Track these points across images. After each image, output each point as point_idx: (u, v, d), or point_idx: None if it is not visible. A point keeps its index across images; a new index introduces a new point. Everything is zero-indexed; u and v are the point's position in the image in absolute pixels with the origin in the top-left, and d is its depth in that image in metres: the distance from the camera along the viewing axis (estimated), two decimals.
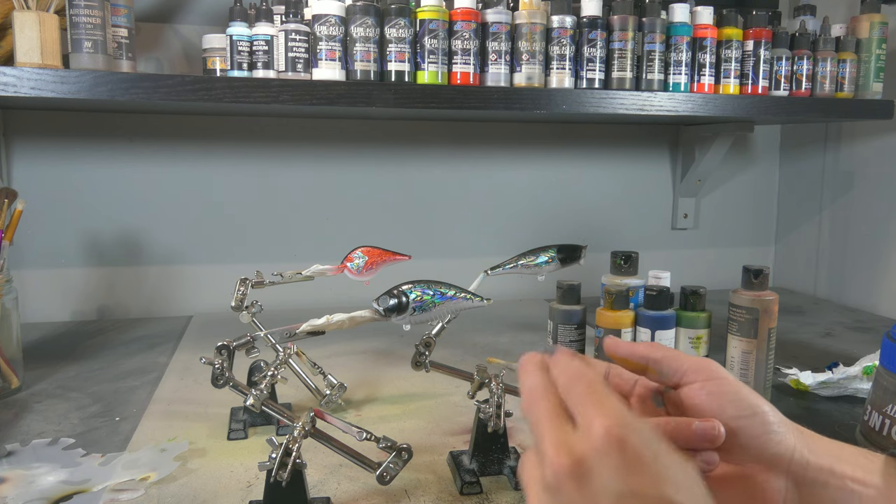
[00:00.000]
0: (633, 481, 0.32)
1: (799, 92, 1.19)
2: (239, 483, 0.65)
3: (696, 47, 1.11)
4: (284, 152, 1.32)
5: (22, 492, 0.62)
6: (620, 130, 1.50)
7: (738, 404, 0.41)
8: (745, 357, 0.83)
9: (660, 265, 1.02)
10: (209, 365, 0.64)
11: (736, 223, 1.61)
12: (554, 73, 1.04)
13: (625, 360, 0.45)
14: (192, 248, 1.30)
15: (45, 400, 0.86)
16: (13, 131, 1.20)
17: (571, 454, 0.33)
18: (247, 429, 0.76)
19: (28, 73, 0.84)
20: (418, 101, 0.98)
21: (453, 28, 1.00)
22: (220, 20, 1.15)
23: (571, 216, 1.48)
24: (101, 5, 0.88)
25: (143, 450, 0.71)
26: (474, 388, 0.69)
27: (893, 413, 0.65)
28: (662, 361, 0.44)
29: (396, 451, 0.57)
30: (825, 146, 1.48)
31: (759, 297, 0.82)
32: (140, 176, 1.26)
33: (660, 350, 0.44)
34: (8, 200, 0.88)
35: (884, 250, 1.35)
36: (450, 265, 1.41)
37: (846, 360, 0.97)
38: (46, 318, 1.24)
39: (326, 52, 0.95)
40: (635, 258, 0.97)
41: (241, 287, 0.77)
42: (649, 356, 0.44)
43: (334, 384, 0.82)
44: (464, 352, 1.05)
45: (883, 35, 1.20)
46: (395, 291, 0.65)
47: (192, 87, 0.90)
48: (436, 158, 1.40)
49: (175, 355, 1.03)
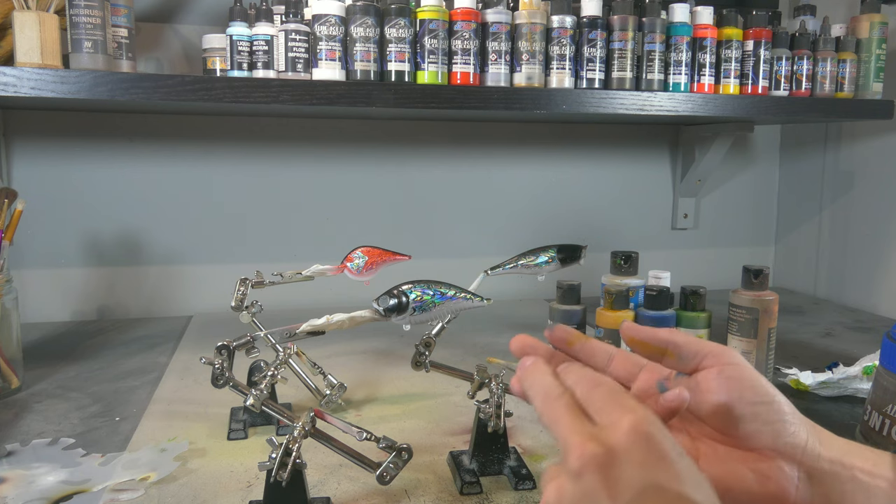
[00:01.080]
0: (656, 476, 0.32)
1: (799, 92, 1.19)
2: (239, 483, 0.65)
3: (696, 47, 1.11)
4: (284, 152, 1.32)
5: (22, 492, 0.62)
6: (620, 130, 1.50)
7: (756, 390, 0.42)
8: (745, 357, 0.82)
9: (660, 265, 1.02)
10: (209, 365, 0.64)
11: (736, 223, 1.61)
12: (554, 73, 1.04)
13: (644, 343, 0.45)
14: (192, 248, 1.30)
15: (45, 400, 0.86)
16: (13, 131, 1.20)
17: (599, 443, 0.33)
18: (247, 429, 0.76)
19: (28, 73, 0.84)
20: (418, 101, 0.98)
21: (453, 28, 1.00)
22: (220, 20, 1.15)
23: (571, 216, 1.48)
24: (101, 5, 0.88)
25: (143, 450, 0.71)
26: (474, 388, 0.69)
27: (893, 413, 0.65)
28: (683, 346, 0.44)
29: (396, 451, 0.57)
30: (825, 146, 1.48)
31: (759, 297, 0.82)
32: (140, 176, 1.26)
33: (680, 335, 0.45)
34: (8, 200, 0.88)
35: (884, 250, 1.35)
36: (450, 265, 1.41)
37: (846, 360, 0.97)
38: (46, 318, 1.24)
39: (326, 52, 0.95)
40: (635, 258, 0.97)
41: (241, 287, 0.77)
42: (671, 340, 0.44)
43: (334, 384, 0.82)
44: (464, 352, 1.05)
45: (883, 35, 1.20)
46: (395, 291, 0.65)
47: (192, 87, 0.90)
48: (436, 158, 1.40)
49: (175, 355, 1.03)
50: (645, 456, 0.33)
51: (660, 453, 0.33)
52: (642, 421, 0.34)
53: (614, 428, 0.34)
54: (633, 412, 0.34)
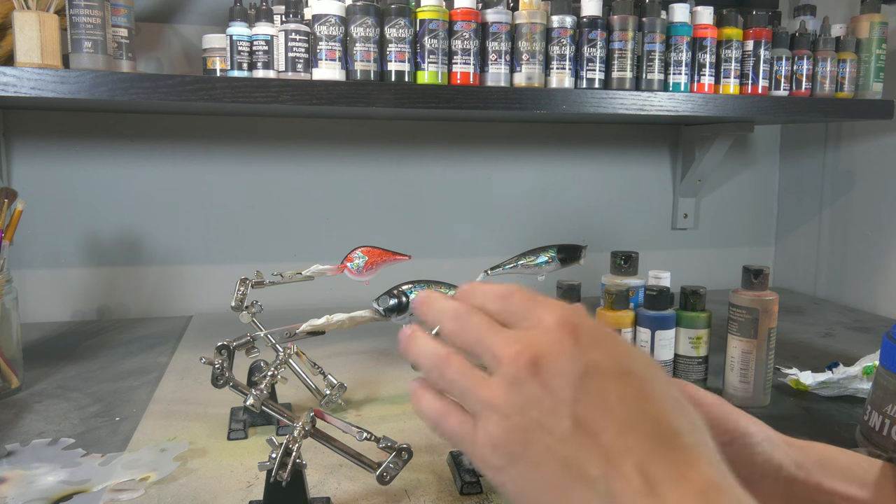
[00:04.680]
0: (591, 357, 0.32)
1: (799, 92, 1.19)
2: (239, 483, 0.65)
3: (696, 47, 1.11)
4: (284, 152, 1.32)
5: (22, 492, 0.62)
6: (620, 130, 1.50)
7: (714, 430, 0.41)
8: (745, 357, 0.83)
9: (660, 265, 1.02)
10: (209, 365, 0.64)
11: (736, 223, 1.61)
12: (554, 73, 1.04)
13: None
14: (192, 248, 1.30)
15: (45, 400, 0.86)
16: (13, 131, 1.20)
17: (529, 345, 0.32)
18: (247, 429, 0.76)
19: (28, 73, 0.84)
20: (418, 101, 0.98)
21: (453, 28, 1.00)
22: (220, 20, 1.15)
23: (571, 216, 1.48)
24: (101, 5, 0.88)
25: (143, 450, 0.71)
26: None
27: (893, 413, 0.65)
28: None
29: (396, 451, 0.57)
30: (825, 146, 1.48)
31: (759, 297, 0.82)
32: (140, 176, 1.26)
33: None
34: (8, 200, 0.88)
35: (884, 250, 1.35)
36: (450, 265, 1.41)
37: (846, 360, 0.97)
38: (46, 318, 1.24)
39: (326, 52, 0.95)
40: (635, 258, 0.97)
41: (241, 287, 0.77)
42: None
43: (334, 384, 0.82)
44: None
45: (883, 35, 1.20)
46: (395, 291, 0.65)
47: (192, 87, 0.90)
48: (436, 158, 1.40)
49: (175, 355, 1.03)
50: (576, 344, 0.32)
51: (590, 338, 0.32)
52: (567, 314, 0.33)
53: (540, 328, 0.33)
54: (557, 309, 0.33)
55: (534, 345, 0.32)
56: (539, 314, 0.34)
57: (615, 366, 0.32)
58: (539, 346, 0.32)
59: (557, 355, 0.32)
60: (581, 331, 0.32)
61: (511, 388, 0.32)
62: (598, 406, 0.31)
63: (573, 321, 0.33)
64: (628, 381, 0.31)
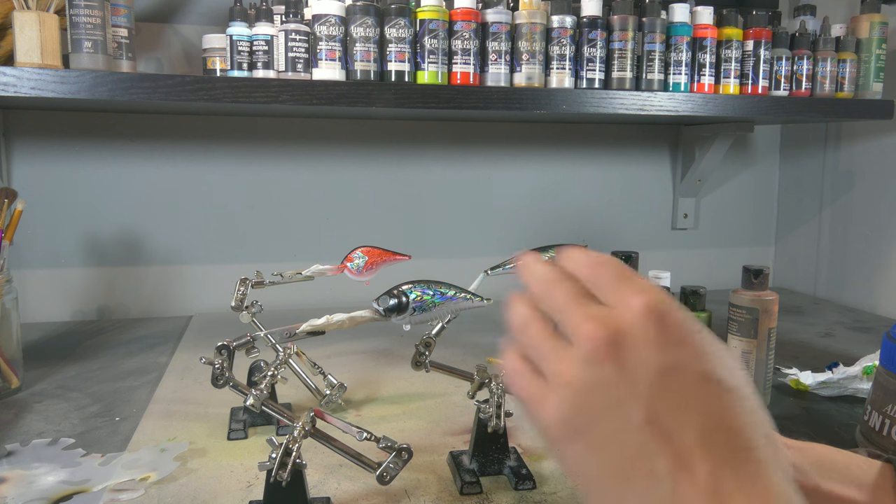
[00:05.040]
0: (675, 354, 0.31)
1: (799, 92, 1.19)
2: (239, 483, 0.65)
3: (696, 47, 1.11)
4: (284, 152, 1.32)
5: (22, 492, 0.62)
6: (620, 130, 1.50)
7: None
8: (745, 357, 0.83)
9: (660, 265, 1.02)
10: (209, 365, 0.64)
11: (736, 223, 1.61)
12: (554, 73, 1.04)
13: None
14: (192, 248, 1.30)
15: (45, 400, 0.86)
16: (13, 131, 1.20)
17: (610, 326, 0.31)
18: (247, 429, 0.76)
19: (28, 73, 0.84)
20: (418, 101, 0.98)
21: (453, 28, 1.00)
22: (220, 20, 1.15)
23: (571, 216, 1.48)
24: (101, 5, 0.88)
25: (143, 450, 0.71)
26: (474, 388, 0.69)
27: (893, 413, 0.65)
28: None
29: (396, 451, 0.57)
30: (825, 146, 1.48)
31: (759, 297, 0.82)
32: (140, 176, 1.26)
33: None
34: (8, 200, 0.88)
35: (884, 250, 1.35)
36: (450, 265, 1.40)
37: (846, 360, 0.97)
38: (46, 318, 1.24)
39: (326, 52, 0.95)
40: (635, 258, 0.97)
41: (241, 287, 0.77)
42: None
43: (334, 384, 0.82)
44: (464, 352, 1.05)
45: (883, 35, 1.20)
46: (395, 291, 0.65)
47: (192, 87, 0.90)
48: (436, 158, 1.40)
49: (175, 355, 1.03)
50: (661, 336, 0.31)
51: (677, 332, 0.31)
52: (655, 300, 0.31)
53: (626, 309, 0.32)
54: (645, 292, 0.32)
55: (615, 326, 0.31)
56: (625, 294, 0.32)
57: (699, 368, 0.31)
58: (620, 329, 0.31)
59: (640, 343, 0.31)
60: (668, 322, 0.31)
61: (585, 365, 0.31)
62: (676, 407, 0.30)
63: (660, 309, 0.31)
64: (710, 387, 0.31)
